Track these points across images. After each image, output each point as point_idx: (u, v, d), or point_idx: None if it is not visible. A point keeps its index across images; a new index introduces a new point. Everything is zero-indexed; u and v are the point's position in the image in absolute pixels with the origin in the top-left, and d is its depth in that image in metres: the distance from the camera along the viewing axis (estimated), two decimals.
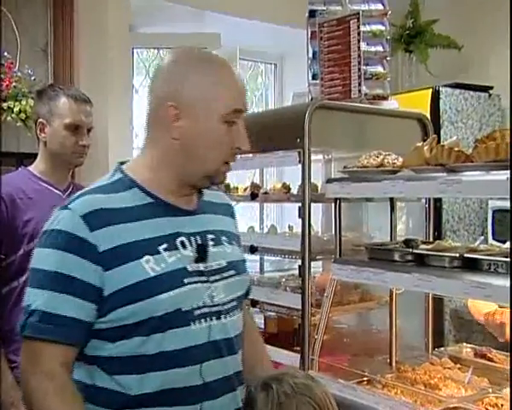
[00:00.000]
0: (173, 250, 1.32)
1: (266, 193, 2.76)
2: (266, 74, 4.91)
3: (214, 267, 1.38)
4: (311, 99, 2.63)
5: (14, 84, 3.09)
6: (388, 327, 2.37)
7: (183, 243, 1.35)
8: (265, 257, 3.16)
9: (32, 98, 2.88)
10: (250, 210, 3.91)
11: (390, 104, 2.61)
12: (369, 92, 2.52)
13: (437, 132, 3.24)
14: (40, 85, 2.81)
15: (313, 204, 2.35)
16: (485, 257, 1.83)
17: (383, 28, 2.59)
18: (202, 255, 1.36)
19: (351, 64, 2.44)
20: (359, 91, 2.42)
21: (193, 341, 1.31)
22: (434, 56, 4.18)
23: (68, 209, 1.30)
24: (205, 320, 1.33)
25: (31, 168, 2.22)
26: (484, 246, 2.12)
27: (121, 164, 1.42)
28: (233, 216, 1.59)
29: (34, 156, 2.26)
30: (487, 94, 3.89)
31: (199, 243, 1.37)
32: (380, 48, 2.58)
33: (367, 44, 2.53)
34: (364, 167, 2.18)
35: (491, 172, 1.76)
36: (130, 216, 1.31)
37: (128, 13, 3.62)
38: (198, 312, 1.32)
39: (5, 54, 3.09)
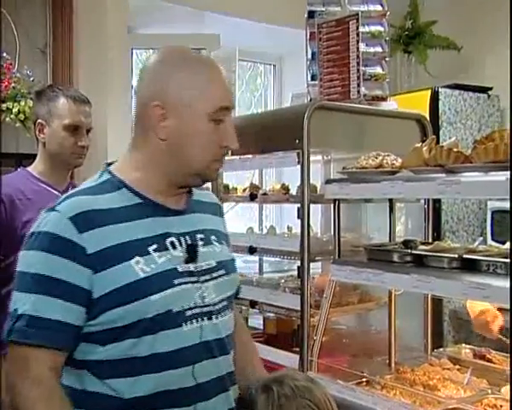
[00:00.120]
0: (163, 251, 1.31)
1: (265, 194, 2.76)
2: (265, 75, 4.92)
3: (204, 267, 1.37)
4: (310, 100, 2.63)
5: (13, 84, 3.09)
6: (387, 328, 2.37)
7: (173, 244, 1.34)
8: (264, 258, 3.16)
9: (31, 99, 2.88)
10: (249, 211, 3.91)
11: (389, 105, 2.61)
12: (368, 93, 2.52)
13: (436, 133, 3.24)
14: (39, 86, 2.81)
15: (312, 205, 2.35)
16: (484, 258, 1.83)
17: (382, 29, 2.59)
18: (192, 256, 1.35)
19: (350, 65, 2.44)
20: (358, 92, 2.42)
21: (185, 342, 1.29)
22: (433, 57, 4.18)
23: (56, 211, 1.28)
24: (196, 321, 1.32)
25: (30, 169, 2.22)
26: (483, 247, 2.12)
27: (108, 165, 1.41)
28: (221, 215, 1.58)
29: (33, 157, 2.26)
30: (486, 95, 3.89)
31: (189, 244, 1.36)
32: (379, 49, 2.58)
33: (366, 45, 2.53)
34: (363, 168, 2.18)
35: (490, 172, 1.76)
36: (118, 217, 1.29)
37: (127, 14, 3.62)
38: (189, 312, 1.31)
39: (4, 55, 3.09)
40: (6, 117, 3.04)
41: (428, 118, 2.83)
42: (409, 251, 2.05)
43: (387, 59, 2.61)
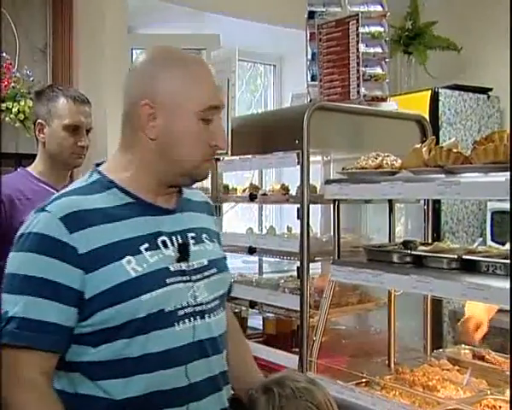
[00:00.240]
0: (155, 250, 1.30)
1: (265, 194, 2.76)
2: (265, 75, 4.92)
3: (196, 266, 1.37)
4: (310, 100, 2.63)
5: (12, 84, 3.09)
6: (387, 329, 2.37)
7: (165, 243, 1.33)
8: (264, 258, 3.15)
9: (31, 99, 2.89)
10: (249, 211, 3.92)
11: (389, 105, 2.61)
12: (368, 94, 2.52)
13: (436, 134, 3.24)
14: (39, 86, 2.81)
15: (312, 205, 2.34)
16: (483, 259, 1.83)
17: (382, 30, 2.59)
18: (184, 255, 1.34)
19: (350, 65, 2.43)
20: (358, 93, 2.42)
21: (177, 341, 1.29)
22: (433, 58, 4.18)
23: (46, 212, 1.27)
24: (189, 320, 1.31)
25: (29, 169, 2.22)
26: (482, 248, 2.12)
27: (97, 165, 1.40)
28: (212, 214, 1.58)
29: (33, 157, 2.26)
30: (486, 96, 3.89)
31: (180, 243, 1.35)
32: (379, 49, 2.58)
33: (366, 46, 2.53)
34: (363, 169, 2.18)
35: (489, 173, 1.75)
36: (109, 217, 1.29)
37: (127, 14, 3.62)
38: (182, 312, 1.30)
39: (4, 55, 3.09)
40: (6, 117, 3.04)
41: (428, 118, 2.83)
42: (408, 252, 2.05)
43: (387, 59, 2.61)
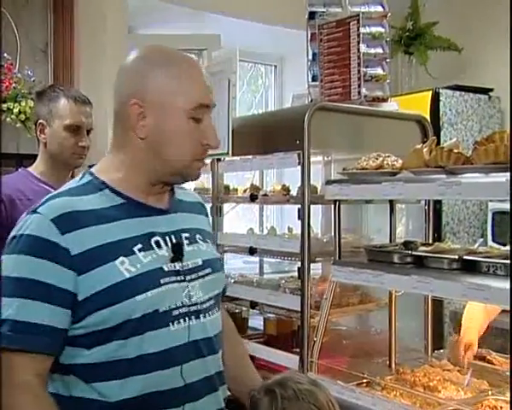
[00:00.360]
0: (148, 250, 1.30)
1: (266, 195, 2.76)
2: (266, 76, 4.92)
3: (190, 266, 1.36)
4: (311, 101, 2.63)
5: (13, 85, 3.10)
6: (388, 329, 2.37)
7: (158, 243, 1.32)
8: (265, 259, 3.16)
9: (32, 99, 2.89)
10: (250, 212, 3.91)
11: (390, 106, 2.61)
12: (369, 94, 2.52)
13: (437, 134, 3.24)
14: (40, 87, 2.81)
15: (313, 206, 2.34)
16: (484, 259, 1.83)
17: (383, 30, 2.59)
18: (178, 255, 1.33)
19: (350, 66, 2.43)
20: (359, 93, 2.42)
21: (172, 342, 1.28)
22: (434, 58, 4.18)
23: (37, 213, 1.26)
24: (184, 320, 1.30)
25: (30, 169, 2.22)
26: (483, 248, 2.12)
27: (89, 167, 1.39)
28: (206, 214, 1.57)
29: (34, 157, 2.26)
30: (487, 96, 3.89)
31: (174, 242, 1.34)
32: (379, 50, 2.58)
33: (367, 46, 2.53)
34: (364, 169, 2.18)
35: (490, 174, 1.75)
36: (102, 218, 1.28)
37: (127, 14, 3.62)
38: (176, 312, 1.29)
39: (5, 55, 3.09)
40: (7, 117, 3.05)
41: (429, 119, 2.83)
42: (409, 252, 2.05)
43: (388, 60, 2.61)
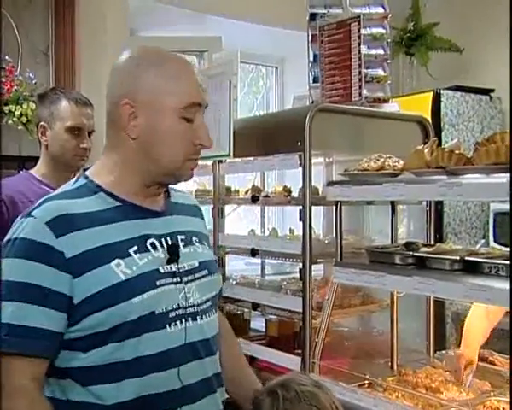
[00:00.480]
0: (144, 252, 1.29)
1: (267, 196, 2.76)
2: (267, 77, 4.92)
3: (187, 268, 1.35)
4: (312, 102, 2.63)
5: (15, 87, 3.10)
6: (389, 330, 2.37)
7: (154, 245, 1.32)
8: (266, 260, 3.16)
9: (34, 102, 2.89)
10: (251, 213, 3.91)
11: (391, 107, 2.61)
12: (370, 95, 2.53)
13: (438, 135, 3.24)
14: (42, 89, 2.82)
15: (314, 207, 2.34)
16: (485, 260, 1.83)
17: (384, 31, 2.59)
18: (174, 256, 1.33)
19: (351, 67, 2.44)
20: (360, 94, 2.43)
21: (169, 344, 1.28)
22: (435, 59, 4.18)
23: (31, 217, 1.25)
24: (180, 322, 1.30)
25: (32, 172, 2.23)
26: (485, 249, 2.11)
27: (84, 170, 1.39)
28: (201, 217, 1.57)
29: (36, 160, 2.26)
30: (488, 97, 3.89)
31: (170, 244, 1.34)
32: (380, 51, 2.58)
33: (368, 47, 2.53)
34: (365, 170, 2.18)
35: (491, 174, 1.75)
36: (96, 220, 1.27)
37: (128, 16, 3.62)
38: (173, 314, 1.29)
39: (6, 57, 3.10)
40: (8, 120, 3.05)
41: (430, 120, 2.83)
42: (410, 253, 2.05)
43: (389, 61, 2.61)
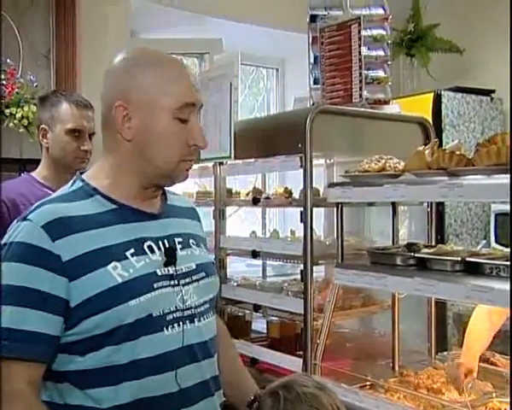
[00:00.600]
0: (141, 255, 1.28)
1: (268, 198, 2.76)
2: (268, 79, 4.93)
3: (184, 270, 1.35)
4: (313, 104, 2.63)
5: (16, 90, 3.11)
6: (391, 331, 2.37)
7: (151, 248, 1.31)
8: (268, 262, 3.16)
9: (35, 104, 2.90)
10: (252, 215, 3.92)
11: (391, 108, 2.61)
12: (371, 97, 2.53)
13: (439, 136, 3.24)
14: (43, 92, 2.82)
15: (315, 209, 2.35)
16: (487, 261, 1.83)
17: (384, 33, 2.59)
18: (171, 259, 1.32)
19: (352, 69, 2.44)
20: (360, 96, 2.43)
21: (167, 346, 1.27)
22: (436, 60, 4.18)
23: (28, 220, 1.25)
24: (178, 325, 1.29)
25: (34, 174, 2.23)
26: (486, 250, 2.11)
27: (81, 173, 1.39)
28: (198, 219, 1.56)
29: (37, 162, 2.27)
30: (489, 98, 3.89)
31: (167, 247, 1.34)
32: (381, 52, 2.59)
33: (368, 49, 2.53)
34: (366, 172, 2.18)
35: (492, 175, 1.75)
36: (93, 223, 1.27)
37: (129, 18, 3.63)
38: (170, 316, 1.28)
39: (7, 60, 3.11)
40: (10, 122, 3.06)
41: (431, 121, 2.83)
42: (412, 254, 2.05)
43: (390, 62, 2.61)
